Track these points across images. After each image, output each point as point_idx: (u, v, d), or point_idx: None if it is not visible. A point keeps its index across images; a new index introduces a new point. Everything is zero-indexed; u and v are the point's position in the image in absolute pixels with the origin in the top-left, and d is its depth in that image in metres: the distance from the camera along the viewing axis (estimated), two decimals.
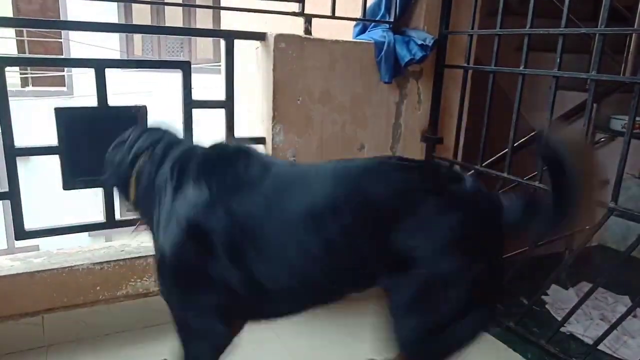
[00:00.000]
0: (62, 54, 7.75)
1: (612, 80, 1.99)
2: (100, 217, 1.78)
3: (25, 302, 1.59)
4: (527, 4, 1.69)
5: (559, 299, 2.16)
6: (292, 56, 1.81)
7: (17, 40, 8.05)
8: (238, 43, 1.81)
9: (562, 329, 1.85)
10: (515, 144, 1.87)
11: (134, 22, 8.25)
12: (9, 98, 1.51)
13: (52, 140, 1.59)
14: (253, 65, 1.93)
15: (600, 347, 1.70)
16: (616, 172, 1.48)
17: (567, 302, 2.09)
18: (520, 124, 1.84)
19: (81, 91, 7.54)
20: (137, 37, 8.55)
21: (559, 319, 1.87)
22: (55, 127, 1.55)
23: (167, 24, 8.64)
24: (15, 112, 1.52)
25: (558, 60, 1.63)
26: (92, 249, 1.76)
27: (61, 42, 7.72)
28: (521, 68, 1.74)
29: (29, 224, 1.62)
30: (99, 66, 1.58)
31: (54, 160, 1.61)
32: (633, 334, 1.90)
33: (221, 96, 1.82)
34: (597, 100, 2.72)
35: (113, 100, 1.63)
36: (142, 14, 8.42)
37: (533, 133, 2.85)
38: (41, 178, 5.76)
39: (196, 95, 1.75)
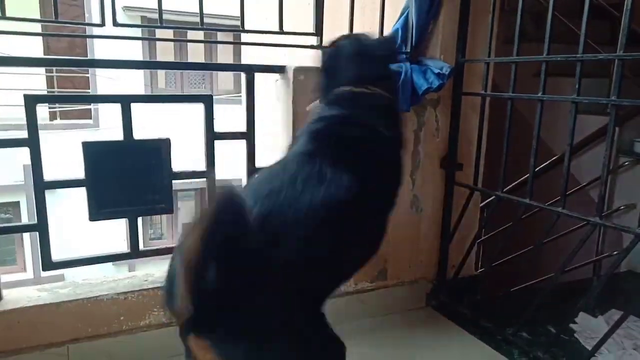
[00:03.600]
0: (88, 88, 8.04)
1: (633, 105, 1.97)
2: (120, 245, 1.81)
3: (51, 333, 1.62)
4: (544, 29, 1.70)
5: (588, 327, 2.10)
6: (311, 88, 1.84)
7: (46, 75, 8.38)
8: (258, 76, 1.86)
9: (593, 359, 1.78)
10: (536, 169, 1.85)
11: (158, 58, 8.54)
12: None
13: (78, 171, 1.64)
14: (273, 97, 1.97)
15: None
16: None
17: (596, 331, 2.02)
18: (541, 149, 1.83)
19: (107, 123, 7.78)
20: (161, 71, 8.83)
21: (589, 348, 1.81)
22: (83, 160, 1.60)
23: (189, 58, 8.91)
24: (43, 144, 1.58)
25: (577, 86, 1.62)
26: (117, 279, 1.78)
27: (88, 77, 8.02)
28: (539, 94, 1.74)
29: (55, 255, 1.66)
30: (125, 101, 1.64)
31: (76, 191, 1.64)
32: None
33: (242, 127, 1.86)
34: (619, 123, 2.70)
35: (138, 133, 1.68)
36: (165, 49, 8.71)
37: (554, 158, 2.83)
38: (62, 208, 5.91)
39: (218, 126, 1.79)
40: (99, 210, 1.64)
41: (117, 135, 1.67)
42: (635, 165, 2.78)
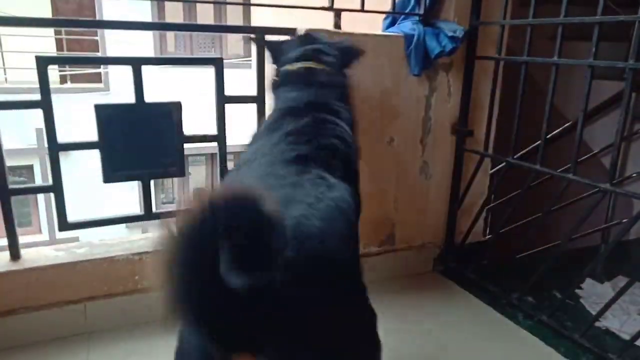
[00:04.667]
0: (98, 51, 7.98)
1: None
2: (132, 210, 1.84)
3: (69, 291, 1.68)
4: None
5: (594, 293, 2.12)
6: None
7: (55, 38, 8.32)
8: (269, 38, 1.83)
9: (597, 324, 1.81)
10: (548, 136, 1.84)
11: (167, 20, 8.41)
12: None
13: (90, 135, 1.66)
14: None
15: (638, 342, 1.66)
16: None
17: (602, 297, 2.05)
18: (554, 115, 1.81)
19: (117, 87, 7.76)
20: (170, 34, 8.72)
21: (594, 313, 1.84)
22: (96, 123, 1.62)
23: (198, 21, 8.77)
24: (54, 108, 1.58)
25: (593, 49, 1.59)
26: (131, 240, 1.83)
27: (97, 40, 7.94)
28: (554, 58, 1.71)
29: (70, 216, 1.70)
30: (136, 64, 1.64)
31: (88, 157, 1.65)
32: None
33: (253, 91, 1.86)
34: (636, 89, 2.64)
35: (148, 96, 1.68)
36: (174, 12, 8.57)
37: (567, 124, 2.80)
38: (74, 173, 5.98)
39: (228, 90, 1.79)
40: (113, 173, 1.67)
41: (128, 98, 1.68)
42: None
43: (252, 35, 1.75)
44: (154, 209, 1.81)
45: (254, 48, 1.87)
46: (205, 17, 8.83)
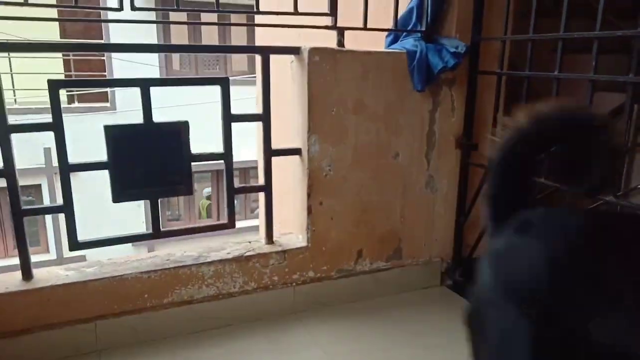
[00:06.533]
0: (104, 71, 8.10)
1: None
2: (134, 228, 1.85)
3: (80, 309, 1.69)
4: (562, 4, 1.67)
5: None
6: (325, 69, 1.86)
7: (63, 59, 8.46)
8: (273, 57, 1.87)
9: None
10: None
11: (172, 40, 8.54)
12: None
13: (98, 155, 1.69)
14: (288, 79, 1.99)
15: None
16: None
17: None
18: None
19: (123, 106, 7.87)
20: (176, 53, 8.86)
21: None
22: (105, 143, 1.65)
23: (203, 41, 8.91)
24: (65, 129, 1.62)
25: (594, 63, 1.61)
26: (140, 259, 1.85)
27: (104, 59, 8.08)
28: (555, 72, 1.73)
29: (78, 235, 1.72)
30: (144, 85, 1.67)
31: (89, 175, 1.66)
32: None
33: (258, 109, 1.89)
34: (638, 101, 2.64)
35: (155, 115, 1.71)
36: (179, 31, 8.71)
37: None
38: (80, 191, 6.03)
39: (234, 108, 1.81)
40: (122, 192, 1.69)
41: (135, 118, 1.71)
42: None
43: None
44: (161, 228, 1.83)
45: (259, 66, 1.91)
46: (210, 36, 8.96)
